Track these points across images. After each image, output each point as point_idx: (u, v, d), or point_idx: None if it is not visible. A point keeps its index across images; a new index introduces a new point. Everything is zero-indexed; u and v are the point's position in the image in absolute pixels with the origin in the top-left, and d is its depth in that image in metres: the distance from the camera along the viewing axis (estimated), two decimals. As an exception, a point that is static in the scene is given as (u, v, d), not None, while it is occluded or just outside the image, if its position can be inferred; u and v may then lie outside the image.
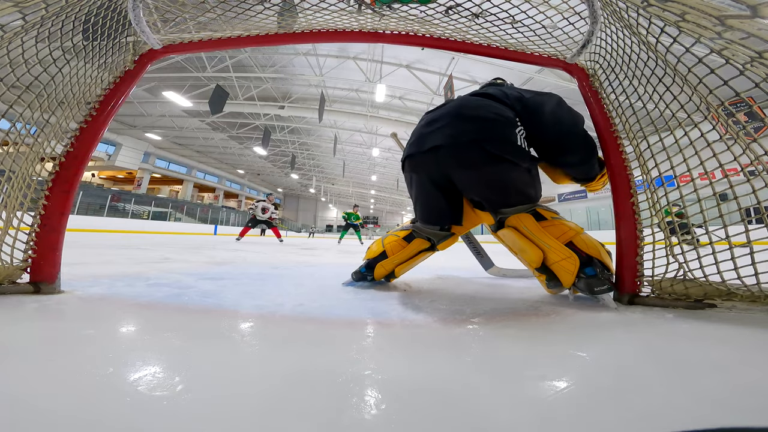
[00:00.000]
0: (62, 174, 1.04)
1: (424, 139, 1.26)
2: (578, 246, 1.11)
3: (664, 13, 0.82)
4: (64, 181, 1.04)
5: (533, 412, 0.44)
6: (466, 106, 1.25)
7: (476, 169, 1.18)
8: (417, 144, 1.28)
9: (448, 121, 1.22)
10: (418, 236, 1.44)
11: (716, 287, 0.91)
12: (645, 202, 1.13)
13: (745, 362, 0.63)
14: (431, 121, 1.30)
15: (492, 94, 1.30)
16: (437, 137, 1.21)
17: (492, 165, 1.15)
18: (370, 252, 1.51)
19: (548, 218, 1.19)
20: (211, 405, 0.43)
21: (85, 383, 0.48)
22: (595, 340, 0.79)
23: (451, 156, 1.19)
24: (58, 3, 0.81)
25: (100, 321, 0.81)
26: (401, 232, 1.49)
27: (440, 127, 1.23)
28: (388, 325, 0.87)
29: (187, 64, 13.79)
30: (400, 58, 12.76)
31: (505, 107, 1.23)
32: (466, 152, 1.16)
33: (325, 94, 13.43)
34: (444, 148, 1.19)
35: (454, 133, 1.18)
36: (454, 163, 1.20)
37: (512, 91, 1.33)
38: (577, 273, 1.08)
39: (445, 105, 1.36)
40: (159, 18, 1.29)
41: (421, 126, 1.34)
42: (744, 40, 0.71)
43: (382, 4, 1.47)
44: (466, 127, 1.18)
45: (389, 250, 1.44)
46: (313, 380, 0.52)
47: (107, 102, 1.08)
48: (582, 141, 1.22)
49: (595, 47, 1.29)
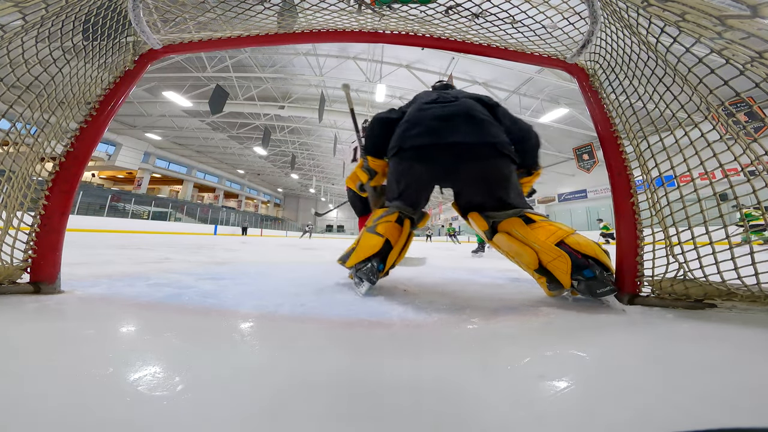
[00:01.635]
0: (62, 174, 1.04)
1: (440, 132, 1.32)
2: (571, 246, 1.12)
3: (664, 13, 0.82)
4: (64, 181, 1.04)
5: (533, 411, 0.44)
6: (473, 108, 1.39)
7: (486, 161, 1.30)
8: (432, 135, 1.32)
9: (464, 119, 1.34)
10: (405, 216, 1.44)
11: (716, 287, 0.91)
12: (645, 202, 1.13)
13: (745, 362, 0.63)
14: (444, 117, 1.36)
15: (481, 99, 1.50)
16: (457, 134, 1.30)
17: (499, 158, 1.30)
18: (368, 248, 1.34)
19: (537, 221, 1.26)
20: (211, 405, 0.43)
21: (85, 383, 0.48)
22: (595, 340, 0.79)
23: (470, 152, 1.30)
24: (58, 3, 0.81)
25: (101, 321, 0.81)
26: (390, 216, 1.41)
27: (458, 124, 1.33)
28: (388, 325, 0.87)
29: (187, 64, 13.79)
30: (400, 58, 12.76)
31: (490, 113, 1.43)
32: (481, 149, 1.30)
33: (325, 94, 13.42)
34: (465, 145, 1.29)
35: (473, 132, 1.30)
36: (469, 157, 1.30)
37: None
38: (571, 273, 1.08)
39: (448, 102, 1.44)
40: (159, 18, 1.29)
41: (430, 119, 1.37)
42: (744, 40, 0.71)
43: (382, 4, 1.47)
44: (481, 129, 1.31)
45: (391, 237, 1.37)
46: (313, 382, 0.52)
47: (107, 102, 1.08)
48: (534, 133, 1.49)
49: (595, 47, 1.29)
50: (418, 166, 1.36)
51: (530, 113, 14.09)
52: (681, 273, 1.01)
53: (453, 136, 1.30)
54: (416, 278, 1.82)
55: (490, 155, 1.30)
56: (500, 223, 1.31)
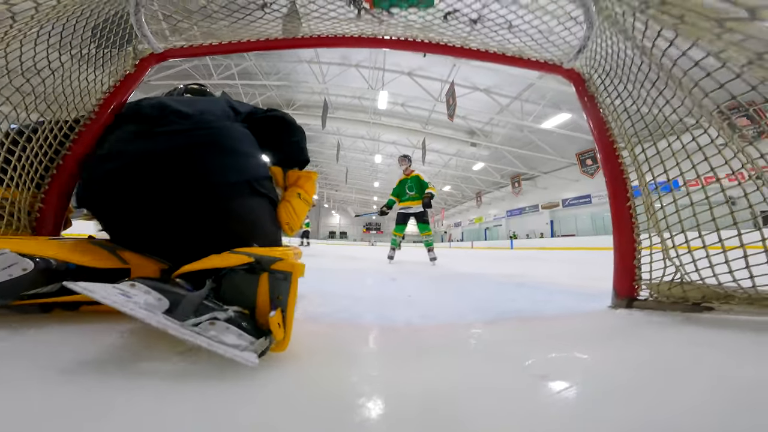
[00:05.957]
0: (60, 177, 1.04)
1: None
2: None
3: (662, 16, 0.82)
4: (61, 185, 1.04)
5: (534, 413, 0.44)
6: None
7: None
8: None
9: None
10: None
11: (714, 290, 0.90)
12: (641, 206, 1.13)
13: (742, 365, 0.62)
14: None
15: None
16: None
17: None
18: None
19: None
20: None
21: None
22: (595, 342, 0.79)
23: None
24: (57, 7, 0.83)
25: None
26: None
27: None
28: (393, 329, 0.88)
29: (193, 72, 13.97)
30: (402, 66, 12.87)
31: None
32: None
33: (328, 101, 13.53)
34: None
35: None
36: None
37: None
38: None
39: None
40: (168, 28, 1.31)
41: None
42: (742, 43, 0.71)
43: (381, 9, 1.49)
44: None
45: None
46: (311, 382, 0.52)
47: (107, 105, 1.10)
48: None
49: (591, 52, 1.29)
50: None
51: (532, 119, 14.11)
52: (678, 276, 1.00)
53: None
54: (417, 282, 1.81)
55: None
56: None
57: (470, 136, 18.12)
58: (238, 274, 0.67)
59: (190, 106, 0.99)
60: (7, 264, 0.62)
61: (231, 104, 1.11)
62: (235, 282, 0.67)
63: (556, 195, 20.75)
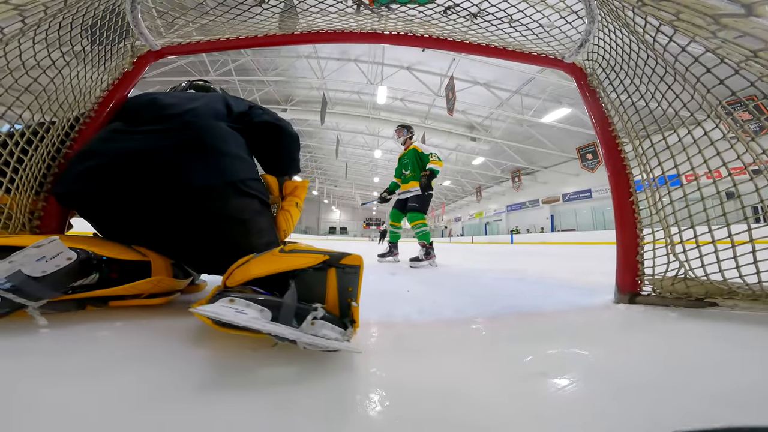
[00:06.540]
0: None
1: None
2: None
3: (659, 12, 0.81)
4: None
5: (535, 410, 0.44)
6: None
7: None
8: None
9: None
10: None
11: (717, 286, 0.90)
12: (645, 201, 1.12)
13: (746, 361, 0.62)
14: None
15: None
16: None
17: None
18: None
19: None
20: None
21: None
22: (597, 338, 0.79)
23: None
24: (57, 5, 0.82)
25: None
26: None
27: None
28: (391, 325, 0.88)
29: (190, 68, 13.87)
30: (401, 60, 12.78)
31: None
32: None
33: (327, 96, 13.47)
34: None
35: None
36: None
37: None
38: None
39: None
40: (163, 24, 1.30)
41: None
42: (738, 39, 0.70)
43: (380, 4, 1.47)
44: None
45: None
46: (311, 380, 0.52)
47: (105, 104, 1.09)
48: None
49: (593, 46, 1.28)
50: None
51: (533, 113, 14.05)
52: (682, 272, 1.00)
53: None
54: (417, 280, 1.81)
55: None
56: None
57: (470, 130, 18.05)
58: (308, 272, 0.71)
59: (179, 105, 0.97)
60: (55, 252, 0.62)
61: (227, 101, 1.09)
62: (306, 279, 0.71)
63: (557, 189, 20.74)
